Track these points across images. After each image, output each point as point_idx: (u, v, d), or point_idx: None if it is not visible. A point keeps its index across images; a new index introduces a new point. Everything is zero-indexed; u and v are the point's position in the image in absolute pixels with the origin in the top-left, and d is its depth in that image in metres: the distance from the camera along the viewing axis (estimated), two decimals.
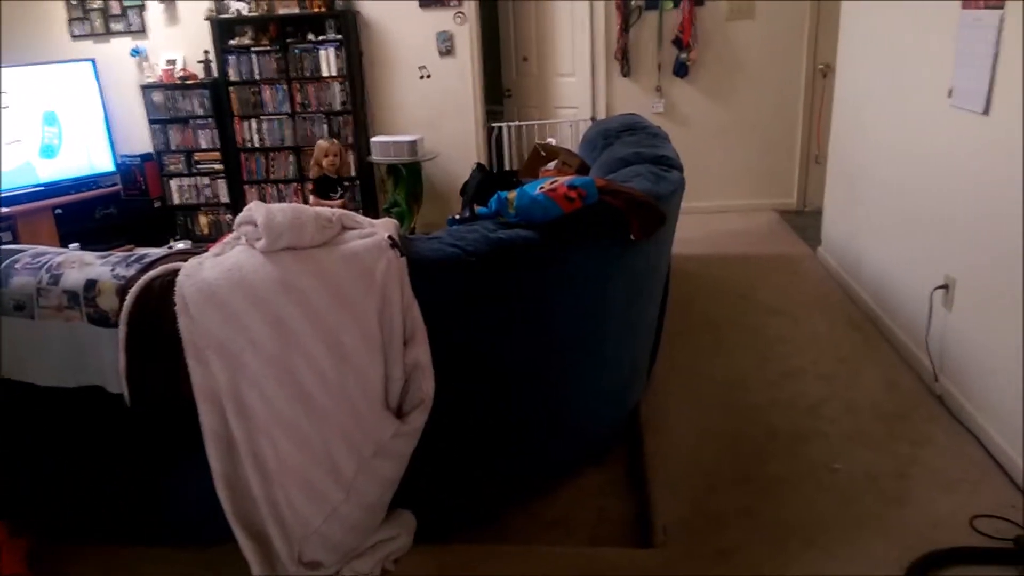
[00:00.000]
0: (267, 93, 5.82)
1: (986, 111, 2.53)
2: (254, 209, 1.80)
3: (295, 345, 1.78)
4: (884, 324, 3.50)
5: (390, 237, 1.86)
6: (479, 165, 4.22)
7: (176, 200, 6.11)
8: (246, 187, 6.06)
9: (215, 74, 5.84)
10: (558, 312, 2.19)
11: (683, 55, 5.54)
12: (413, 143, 5.55)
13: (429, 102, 5.93)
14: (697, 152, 5.09)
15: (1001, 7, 2.43)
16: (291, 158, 5.96)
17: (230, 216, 5.99)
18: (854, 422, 2.74)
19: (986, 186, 2.57)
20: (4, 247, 2.06)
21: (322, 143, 5.31)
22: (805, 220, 5.44)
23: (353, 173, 5.91)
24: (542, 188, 2.18)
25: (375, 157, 5.74)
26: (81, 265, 1.92)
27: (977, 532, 2.11)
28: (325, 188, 5.29)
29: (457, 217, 2.29)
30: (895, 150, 3.44)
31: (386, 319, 1.86)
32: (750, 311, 3.85)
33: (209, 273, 1.76)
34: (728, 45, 5.57)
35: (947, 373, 2.85)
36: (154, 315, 1.79)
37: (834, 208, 4.45)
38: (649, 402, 2.93)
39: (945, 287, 2.84)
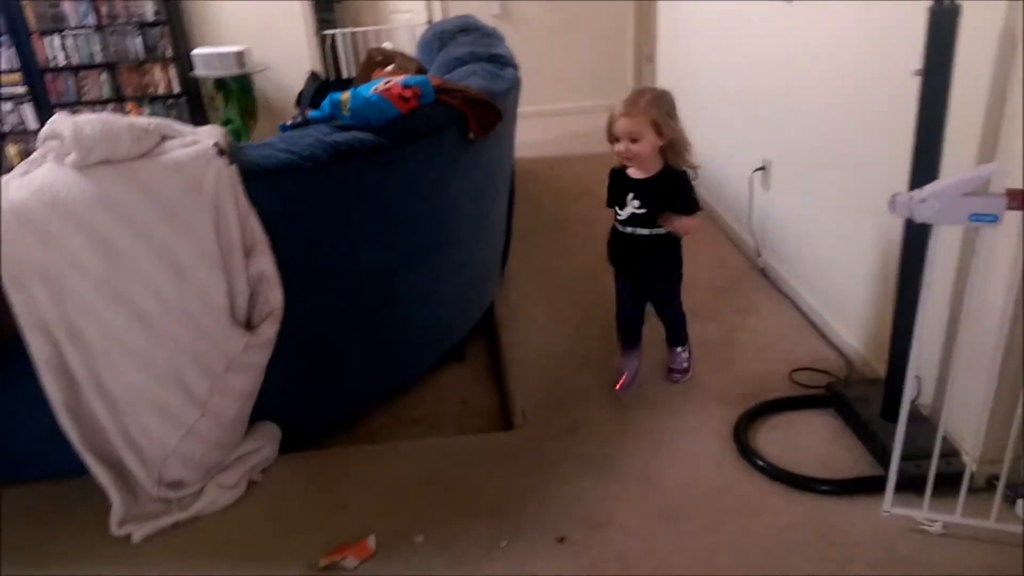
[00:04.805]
0: (67, 4, 5.24)
1: None
2: (59, 122, 1.65)
3: (125, 264, 1.68)
4: (714, 210, 3.75)
5: (216, 144, 1.77)
6: (313, 73, 4.05)
7: None
8: (56, 111, 5.49)
9: None
10: (403, 214, 2.18)
11: None
12: (240, 54, 5.22)
13: (253, 10, 5.55)
14: (536, 55, 5.10)
15: None
16: (104, 76, 5.45)
17: None
18: (689, 298, 2.95)
19: (791, 71, 2.77)
20: None
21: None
22: None
23: (177, 90, 5.51)
24: (376, 89, 2.14)
25: (199, 71, 5.35)
26: None
27: (796, 384, 2.38)
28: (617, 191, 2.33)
29: (289, 123, 2.20)
30: (714, 45, 3.61)
31: (223, 231, 1.79)
32: (593, 206, 3.95)
33: (16, 195, 1.62)
34: None
35: (767, 247, 3.12)
36: None
37: None
38: (504, 298, 3.04)
39: (763, 168, 3.08)
